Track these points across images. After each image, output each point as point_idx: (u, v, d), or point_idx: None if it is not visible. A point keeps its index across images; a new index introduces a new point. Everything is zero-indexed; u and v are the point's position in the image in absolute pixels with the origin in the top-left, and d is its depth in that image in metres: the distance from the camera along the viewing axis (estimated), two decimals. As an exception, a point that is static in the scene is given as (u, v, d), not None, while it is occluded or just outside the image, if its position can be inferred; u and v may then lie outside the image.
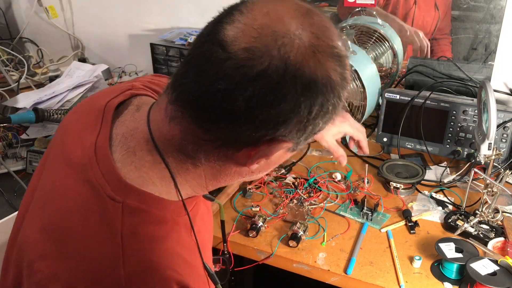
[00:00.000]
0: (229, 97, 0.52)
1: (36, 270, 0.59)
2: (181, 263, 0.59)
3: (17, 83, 1.91)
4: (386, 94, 1.41)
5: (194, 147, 0.59)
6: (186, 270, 0.59)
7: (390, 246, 1.06)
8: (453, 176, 1.30)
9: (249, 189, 1.26)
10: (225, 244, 0.93)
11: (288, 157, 0.66)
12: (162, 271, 0.56)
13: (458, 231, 1.07)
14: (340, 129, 1.09)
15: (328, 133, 1.07)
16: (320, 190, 1.26)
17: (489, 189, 1.07)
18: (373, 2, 1.61)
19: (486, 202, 1.09)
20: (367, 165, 1.34)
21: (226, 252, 0.92)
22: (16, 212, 0.73)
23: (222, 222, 0.94)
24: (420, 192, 1.27)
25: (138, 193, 0.59)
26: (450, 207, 1.19)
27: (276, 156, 0.61)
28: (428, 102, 1.35)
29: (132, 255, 0.55)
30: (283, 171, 1.35)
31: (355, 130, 1.11)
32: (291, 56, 0.52)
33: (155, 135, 0.60)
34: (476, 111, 1.29)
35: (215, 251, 1.14)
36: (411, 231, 1.10)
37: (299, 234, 1.06)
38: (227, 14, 0.55)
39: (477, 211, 1.11)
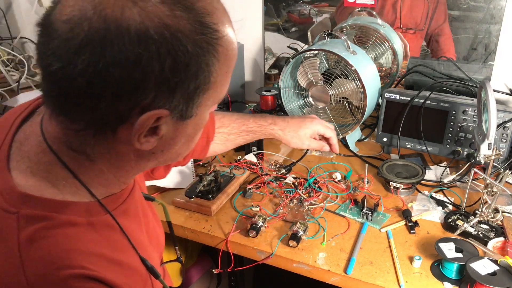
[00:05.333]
0: (66, 76, 0.48)
1: None
2: (96, 260, 0.56)
3: (17, 83, 1.91)
4: (386, 94, 1.41)
5: (76, 141, 0.55)
6: (102, 265, 0.56)
7: (390, 246, 1.06)
8: (453, 176, 1.30)
9: (249, 189, 1.26)
10: (176, 247, 0.88)
11: (192, 131, 0.59)
12: (66, 271, 0.53)
13: (458, 231, 1.07)
14: (313, 129, 1.15)
15: (303, 136, 1.14)
16: (320, 190, 1.26)
17: (489, 189, 1.07)
18: (373, 2, 1.62)
19: (486, 202, 1.10)
20: (367, 165, 1.34)
21: (179, 255, 0.87)
22: None
23: (169, 223, 0.89)
24: (420, 192, 1.27)
25: (36, 200, 0.55)
26: (450, 207, 1.19)
27: (169, 130, 0.56)
28: (428, 102, 1.35)
29: (32, 261, 0.53)
30: (283, 171, 1.35)
31: (326, 129, 1.16)
32: (108, 12, 0.47)
33: (46, 136, 0.58)
34: (476, 111, 1.29)
35: (214, 251, 1.14)
36: (411, 231, 1.10)
37: (299, 234, 1.06)
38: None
39: (477, 211, 1.11)
